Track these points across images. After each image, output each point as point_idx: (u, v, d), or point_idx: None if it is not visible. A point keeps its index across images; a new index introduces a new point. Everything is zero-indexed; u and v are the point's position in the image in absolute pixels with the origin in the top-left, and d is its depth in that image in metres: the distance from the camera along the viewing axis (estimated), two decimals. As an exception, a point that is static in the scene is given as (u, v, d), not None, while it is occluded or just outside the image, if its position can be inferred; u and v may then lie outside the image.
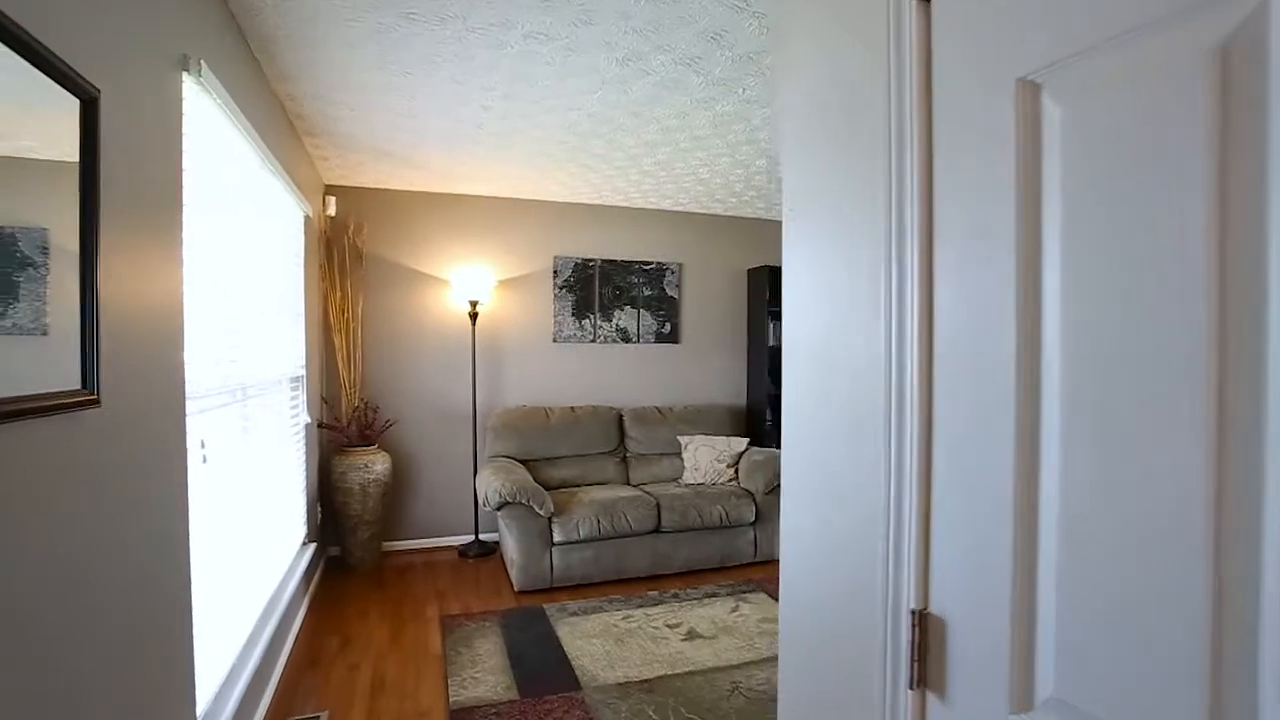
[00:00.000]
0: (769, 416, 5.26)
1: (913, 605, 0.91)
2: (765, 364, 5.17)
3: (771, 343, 5.21)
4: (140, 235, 1.42)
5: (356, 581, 3.90)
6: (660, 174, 4.06)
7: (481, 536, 4.66)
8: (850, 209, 1.04)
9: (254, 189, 2.52)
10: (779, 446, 5.46)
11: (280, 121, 2.92)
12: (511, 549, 3.78)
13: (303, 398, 3.44)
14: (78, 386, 1.15)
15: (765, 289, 5.15)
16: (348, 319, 4.26)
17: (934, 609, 0.89)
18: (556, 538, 3.77)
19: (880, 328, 0.97)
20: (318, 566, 3.88)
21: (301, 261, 3.41)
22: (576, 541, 3.80)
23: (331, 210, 4.22)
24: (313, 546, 3.46)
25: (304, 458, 3.46)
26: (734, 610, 3.51)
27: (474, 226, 4.65)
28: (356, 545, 4.06)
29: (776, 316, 5.29)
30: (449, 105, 2.95)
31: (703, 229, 5.27)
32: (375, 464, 4.03)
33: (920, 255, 0.90)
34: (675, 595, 3.72)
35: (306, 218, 3.50)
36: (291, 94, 2.83)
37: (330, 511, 4.14)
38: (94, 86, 1.19)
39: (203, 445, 1.77)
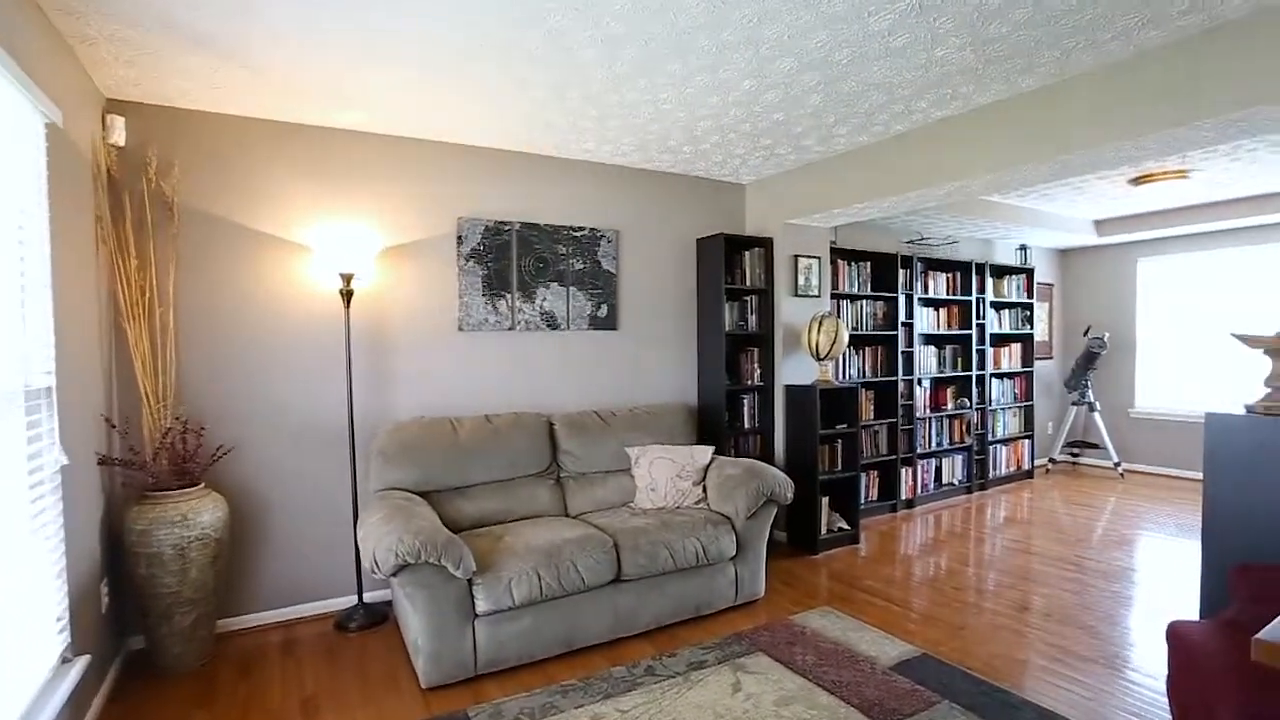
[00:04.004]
0: (728, 417, 4.36)
1: None
2: (722, 353, 4.26)
3: (729, 328, 4.30)
4: None
5: (171, 694, 2.57)
6: (608, 99, 3.00)
7: (366, 598, 3.42)
8: None
9: None
10: (743, 454, 4.55)
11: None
12: (415, 629, 2.60)
13: (53, 424, 2.09)
14: None
15: (720, 263, 4.24)
16: (149, 299, 2.88)
17: None
18: (481, 607, 2.64)
19: None
20: (103, 682, 2.52)
21: (44, 201, 2.07)
22: (510, 609, 2.69)
23: (118, 137, 2.82)
24: (83, 661, 2.14)
25: (59, 521, 2.12)
26: (736, 689, 2.56)
27: (346, 173, 3.36)
28: (173, 636, 2.71)
29: (734, 295, 4.39)
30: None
31: (645, 188, 4.26)
32: (200, 512, 2.71)
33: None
34: (649, 670, 2.72)
35: (52, 128, 2.15)
36: None
37: (128, 589, 2.77)
38: None
39: None
